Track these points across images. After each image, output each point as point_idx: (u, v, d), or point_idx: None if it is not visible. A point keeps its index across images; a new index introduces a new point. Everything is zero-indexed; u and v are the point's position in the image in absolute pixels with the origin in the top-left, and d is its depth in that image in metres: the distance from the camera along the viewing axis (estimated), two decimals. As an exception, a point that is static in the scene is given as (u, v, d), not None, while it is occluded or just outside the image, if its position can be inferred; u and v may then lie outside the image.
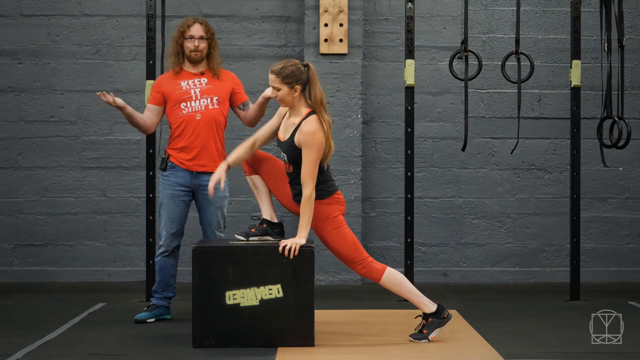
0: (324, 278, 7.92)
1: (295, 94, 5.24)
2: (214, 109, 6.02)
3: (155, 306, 6.13)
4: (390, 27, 8.13)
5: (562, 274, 7.91)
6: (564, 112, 7.95)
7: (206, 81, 6.04)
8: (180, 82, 6.03)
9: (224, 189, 5.96)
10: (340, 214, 5.37)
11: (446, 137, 8.14)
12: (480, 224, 8.16)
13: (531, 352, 5.11)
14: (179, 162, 6.02)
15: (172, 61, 6.09)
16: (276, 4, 8.12)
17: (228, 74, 6.15)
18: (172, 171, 6.04)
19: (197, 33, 6.03)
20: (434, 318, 5.35)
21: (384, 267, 5.38)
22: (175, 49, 6.06)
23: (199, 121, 5.99)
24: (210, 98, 6.02)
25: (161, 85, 6.10)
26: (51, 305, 6.84)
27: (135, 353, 5.13)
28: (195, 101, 6.00)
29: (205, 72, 6.07)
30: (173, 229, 6.05)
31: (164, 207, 6.06)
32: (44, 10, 8.07)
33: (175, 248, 6.09)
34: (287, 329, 5.18)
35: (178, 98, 6.00)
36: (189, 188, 6.05)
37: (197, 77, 6.05)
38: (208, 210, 6.05)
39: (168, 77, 6.10)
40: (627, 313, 5.64)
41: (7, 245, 8.07)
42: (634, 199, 8.21)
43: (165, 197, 6.06)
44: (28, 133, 8.07)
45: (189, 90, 6.01)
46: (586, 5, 7.93)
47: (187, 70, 6.07)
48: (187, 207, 6.11)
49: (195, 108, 6.00)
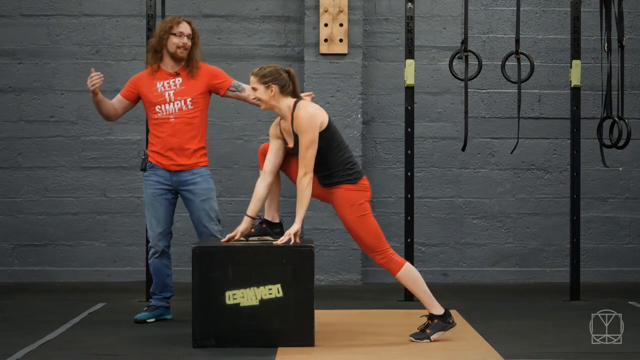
0: (324, 278, 7.92)
1: (271, 94, 5.28)
2: (188, 111, 5.99)
3: (155, 307, 6.13)
4: (390, 27, 8.13)
5: (562, 274, 7.91)
6: (564, 112, 7.95)
7: (181, 82, 6.01)
8: (156, 83, 6.01)
9: (208, 184, 6.03)
10: (366, 200, 5.38)
11: (446, 137, 8.14)
12: (480, 224, 8.16)
13: (531, 352, 5.11)
14: (156, 161, 6.02)
15: (150, 57, 6.06)
16: (276, 4, 8.12)
17: (203, 68, 6.08)
18: (152, 171, 6.04)
19: (186, 31, 6.03)
20: (440, 321, 5.37)
21: (403, 261, 5.40)
22: (156, 46, 6.03)
23: (173, 123, 5.97)
24: (183, 100, 5.99)
25: (138, 84, 6.07)
26: (51, 305, 6.84)
27: (135, 353, 5.13)
28: (169, 104, 5.98)
29: (180, 71, 6.03)
30: (160, 228, 6.02)
31: (148, 207, 6.04)
32: (44, 10, 8.07)
33: (165, 248, 6.05)
34: (287, 329, 5.18)
35: (153, 101, 6.00)
36: (170, 185, 6.02)
37: (172, 77, 6.01)
38: (193, 205, 6.04)
39: (146, 76, 6.07)
40: (627, 313, 5.63)
41: (7, 245, 8.07)
42: (634, 199, 8.22)
43: (148, 197, 6.04)
44: (28, 133, 8.07)
45: (163, 93, 5.99)
46: (586, 5, 7.93)
47: (164, 69, 6.04)
48: (172, 205, 6.08)
49: (169, 110, 5.98)
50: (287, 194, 8.13)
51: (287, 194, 8.13)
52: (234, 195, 8.09)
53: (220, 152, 8.07)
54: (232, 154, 8.10)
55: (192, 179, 6.02)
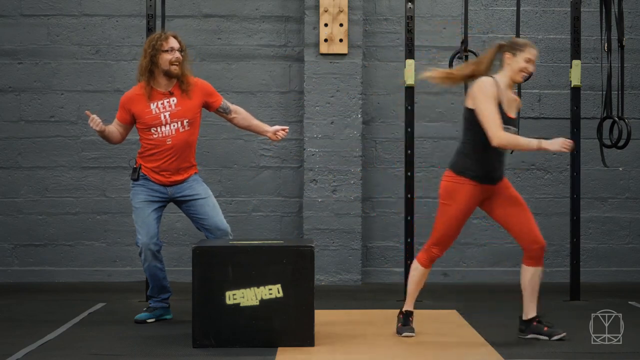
0: (324, 278, 7.92)
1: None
2: (185, 132, 5.94)
3: (155, 308, 6.13)
4: (390, 27, 8.13)
5: (562, 274, 7.90)
6: (564, 112, 7.95)
7: (175, 102, 5.93)
8: (150, 105, 5.92)
9: (204, 185, 6.06)
10: (454, 198, 5.33)
11: (446, 137, 8.14)
12: (480, 224, 8.16)
13: (531, 352, 5.11)
14: (151, 176, 5.99)
15: (144, 78, 5.94)
16: (276, 4, 8.12)
17: (197, 85, 6.00)
18: (145, 181, 6.01)
19: (176, 45, 5.94)
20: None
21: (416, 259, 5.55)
22: (148, 66, 5.91)
23: (170, 145, 5.93)
24: (180, 122, 5.93)
25: (131, 105, 5.97)
26: (51, 305, 6.84)
27: (135, 353, 5.13)
28: (166, 126, 5.92)
29: (173, 90, 5.95)
30: (151, 232, 5.96)
31: (138, 212, 5.98)
32: (44, 10, 8.07)
33: (156, 251, 5.99)
34: (287, 329, 5.18)
35: (148, 123, 5.93)
36: (164, 194, 6.01)
37: (166, 97, 5.92)
38: (197, 204, 6.00)
39: (138, 97, 5.97)
40: (627, 313, 5.63)
41: (7, 245, 8.07)
42: (634, 199, 8.22)
43: (139, 203, 5.98)
44: (28, 133, 8.07)
45: (158, 115, 5.91)
46: (586, 5, 7.93)
47: (157, 88, 5.94)
48: (161, 212, 6.05)
49: (166, 133, 5.92)
50: (286, 192, 8.14)
51: (286, 193, 8.14)
52: (234, 195, 8.09)
53: (220, 152, 8.07)
54: (232, 154, 8.10)
55: (188, 185, 6.03)
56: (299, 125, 8.01)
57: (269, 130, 6.12)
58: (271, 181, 8.11)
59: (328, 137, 7.93)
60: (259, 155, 8.11)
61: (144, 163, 6.00)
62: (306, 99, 7.93)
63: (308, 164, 7.92)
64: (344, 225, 7.93)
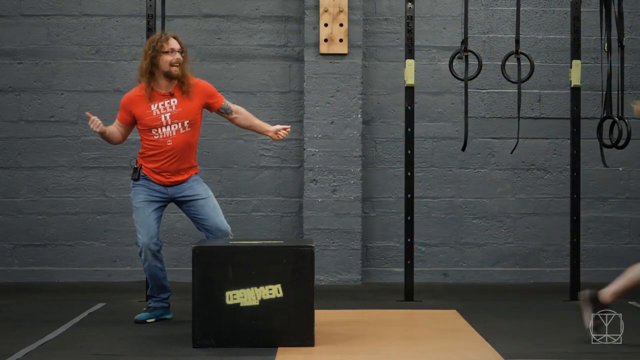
0: (324, 278, 7.92)
1: None
2: (185, 133, 5.94)
3: (155, 308, 6.12)
4: (390, 27, 8.13)
5: (562, 274, 7.90)
6: (564, 112, 7.95)
7: (176, 103, 5.93)
8: (150, 106, 5.92)
9: (204, 185, 6.05)
10: None
11: (446, 137, 8.14)
12: (480, 224, 8.16)
13: (531, 352, 5.11)
14: (151, 176, 5.99)
15: (145, 80, 5.94)
16: (276, 4, 8.12)
17: (197, 86, 5.99)
18: (145, 181, 6.01)
19: (176, 46, 5.93)
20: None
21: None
22: (148, 68, 5.91)
23: (171, 147, 5.93)
24: (181, 123, 5.93)
25: (132, 107, 5.98)
26: (51, 305, 6.84)
27: (135, 353, 5.13)
28: (166, 127, 5.92)
29: (174, 91, 5.94)
30: (151, 231, 5.96)
31: (139, 212, 5.98)
32: (44, 10, 8.07)
33: (156, 251, 5.99)
34: (287, 329, 5.18)
35: (149, 124, 5.93)
36: (165, 194, 6.01)
37: (166, 98, 5.92)
38: (197, 205, 6.00)
39: (138, 98, 5.97)
40: (627, 313, 5.63)
41: (7, 245, 8.07)
42: (634, 199, 8.21)
43: (139, 203, 5.98)
44: (28, 133, 8.07)
45: (159, 116, 5.91)
46: (586, 5, 7.93)
47: (158, 90, 5.94)
48: (161, 212, 6.05)
49: (167, 134, 5.93)
50: (286, 192, 8.14)
51: (286, 193, 8.14)
52: (234, 195, 8.09)
53: (220, 152, 8.07)
54: (232, 154, 8.10)
55: (189, 185, 6.03)
56: (299, 125, 8.01)
57: (270, 129, 6.12)
58: (271, 181, 8.11)
59: (328, 137, 7.93)
60: (259, 155, 8.11)
61: (144, 163, 6.00)
62: (306, 99, 7.93)
63: (308, 164, 7.92)
64: (344, 225, 7.93)
